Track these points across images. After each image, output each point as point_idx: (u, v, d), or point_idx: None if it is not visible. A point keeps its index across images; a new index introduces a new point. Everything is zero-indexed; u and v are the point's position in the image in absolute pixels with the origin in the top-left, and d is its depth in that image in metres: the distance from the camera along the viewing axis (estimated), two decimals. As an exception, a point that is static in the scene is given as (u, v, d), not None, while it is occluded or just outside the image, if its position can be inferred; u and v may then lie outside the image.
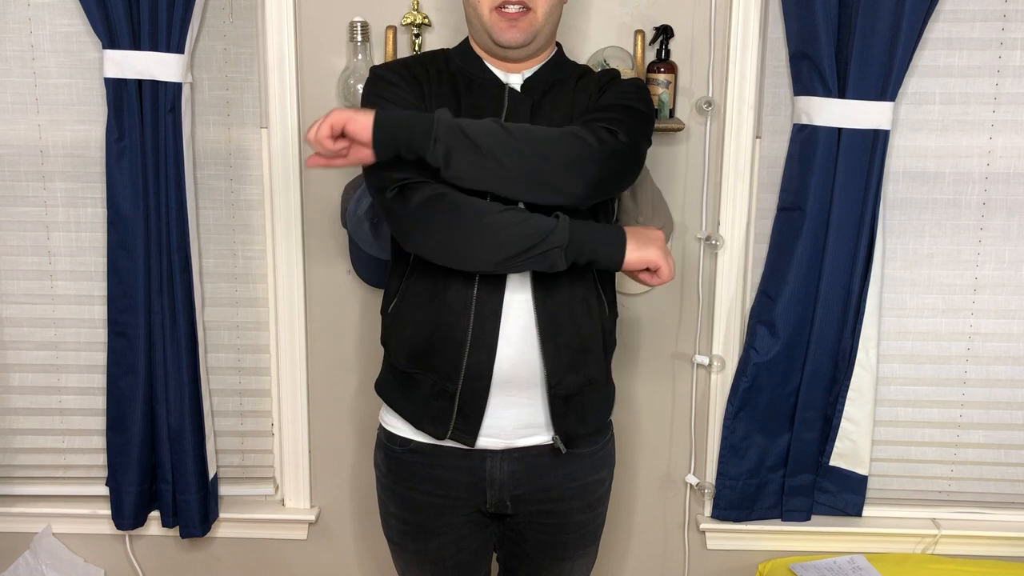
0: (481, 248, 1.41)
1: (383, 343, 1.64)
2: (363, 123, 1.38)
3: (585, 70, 1.67)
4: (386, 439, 1.65)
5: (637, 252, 1.45)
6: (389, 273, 1.64)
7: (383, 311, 1.64)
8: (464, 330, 1.49)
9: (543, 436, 1.58)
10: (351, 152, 1.42)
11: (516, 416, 1.55)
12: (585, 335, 1.55)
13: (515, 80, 1.60)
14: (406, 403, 1.60)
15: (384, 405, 1.66)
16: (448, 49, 1.65)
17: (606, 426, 1.69)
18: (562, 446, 1.57)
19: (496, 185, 1.42)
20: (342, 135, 1.40)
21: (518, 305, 1.51)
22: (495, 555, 1.75)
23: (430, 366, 1.54)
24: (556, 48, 1.65)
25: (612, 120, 1.48)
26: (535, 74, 1.60)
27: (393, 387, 1.63)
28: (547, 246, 1.41)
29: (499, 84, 1.58)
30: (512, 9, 1.51)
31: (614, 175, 1.48)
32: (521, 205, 1.45)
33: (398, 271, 1.60)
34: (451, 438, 1.56)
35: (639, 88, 1.58)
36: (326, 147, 1.39)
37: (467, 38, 1.64)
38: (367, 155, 1.41)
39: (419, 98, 1.54)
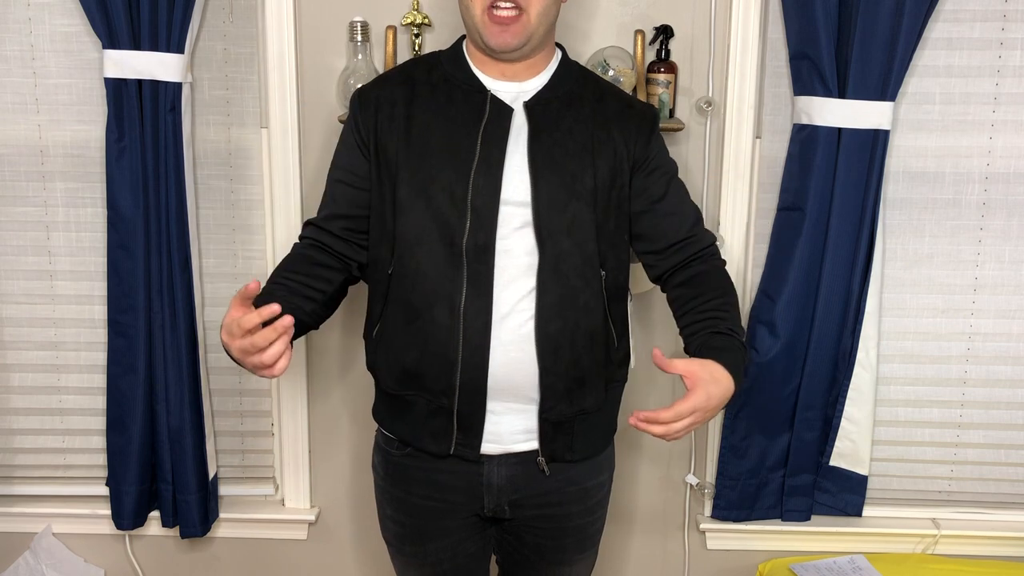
0: None
1: (370, 369, 1.61)
2: None
3: (597, 85, 1.60)
4: (384, 443, 1.65)
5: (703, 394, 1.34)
6: (369, 296, 1.60)
7: (366, 336, 1.60)
8: (455, 347, 1.46)
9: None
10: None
11: (513, 422, 1.53)
12: (585, 366, 1.52)
13: (505, 90, 1.52)
14: (402, 425, 1.58)
15: None
16: (440, 52, 1.60)
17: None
18: (546, 468, 1.56)
19: None
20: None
21: (514, 319, 1.48)
22: (494, 558, 1.75)
23: (422, 387, 1.51)
24: (559, 53, 1.59)
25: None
26: (541, 92, 1.53)
27: (387, 412, 1.61)
28: None
29: (482, 90, 1.52)
30: (504, 11, 1.44)
31: None
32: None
33: (378, 293, 1.56)
34: (454, 454, 1.54)
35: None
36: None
37: (461, 38, 1.59)
38: None
39: (363, 159, 1.53)
